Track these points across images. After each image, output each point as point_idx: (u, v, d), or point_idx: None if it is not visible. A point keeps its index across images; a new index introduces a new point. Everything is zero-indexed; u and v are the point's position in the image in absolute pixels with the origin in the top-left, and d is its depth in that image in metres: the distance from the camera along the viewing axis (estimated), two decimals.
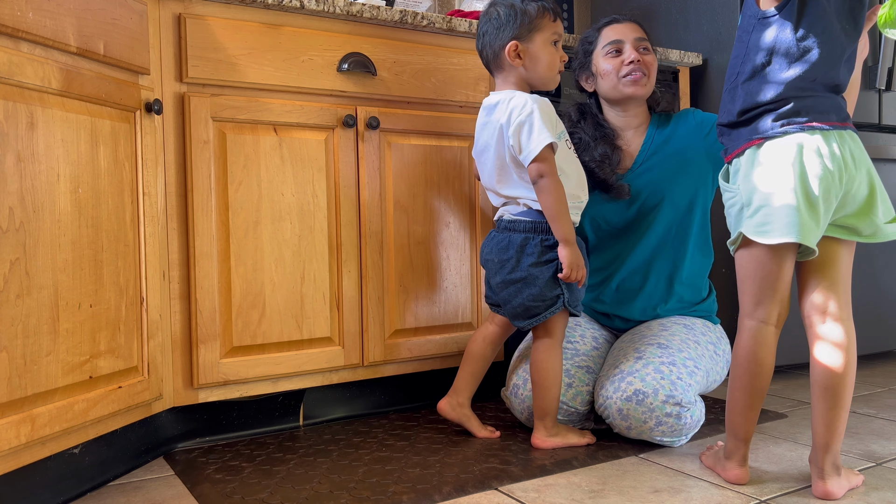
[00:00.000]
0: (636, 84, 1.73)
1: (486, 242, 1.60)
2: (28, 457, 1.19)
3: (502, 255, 1.54)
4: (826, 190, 1.20)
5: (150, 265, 1.46)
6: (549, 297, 1.52)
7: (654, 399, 1.50)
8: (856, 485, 1.32)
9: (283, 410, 1.73)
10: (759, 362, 1.28)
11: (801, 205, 1.20)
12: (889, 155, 2.38)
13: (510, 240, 1.53)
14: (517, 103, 1.49)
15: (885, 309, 2.41)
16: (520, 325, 1.57)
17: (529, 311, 1.53)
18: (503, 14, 1.52)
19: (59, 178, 1.23)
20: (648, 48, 1.76)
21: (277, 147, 1.63)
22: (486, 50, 1.56)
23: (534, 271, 1.51)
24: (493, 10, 1.54)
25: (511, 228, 1.54)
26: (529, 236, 1.52)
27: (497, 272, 1.55)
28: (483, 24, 1.56)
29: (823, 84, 1.24)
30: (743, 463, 1.33)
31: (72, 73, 1.26)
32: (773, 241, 1.23)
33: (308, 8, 1.64)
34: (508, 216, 1.57)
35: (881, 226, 1.26)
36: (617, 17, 1.80)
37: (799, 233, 1.20)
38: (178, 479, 1.42)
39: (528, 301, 1.52)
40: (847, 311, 1.28)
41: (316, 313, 1.68)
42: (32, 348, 1.17)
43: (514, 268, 1.52)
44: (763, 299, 1.28)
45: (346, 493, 1.31)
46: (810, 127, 1.21)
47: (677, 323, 1.72)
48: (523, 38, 1.52)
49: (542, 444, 1.54)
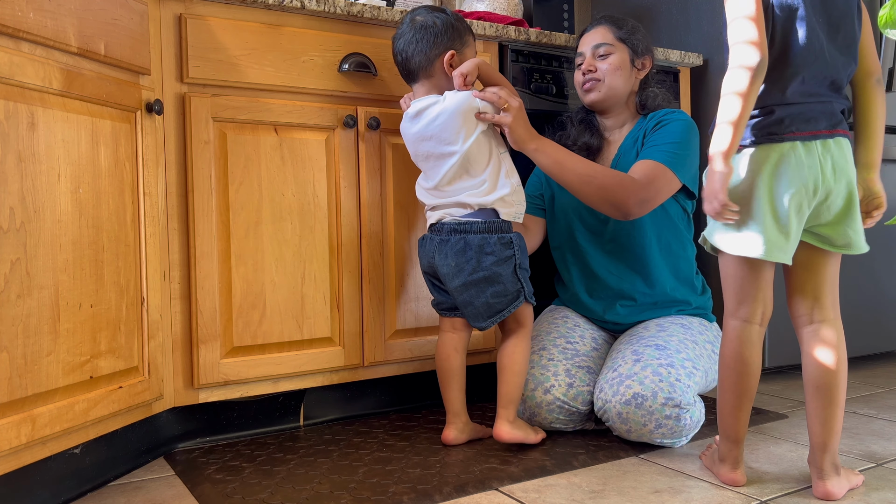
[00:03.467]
0: (589, 92, 1.79)
1: (432, 248, 1.56)
2: (28, 457, 1.19)
3: (459, 257, 1.52)
4: (798, 205, 1.21)
5: (150, 265, 1.46)
6: (512, 291, 1.53)
7: (654, 402, 1.50)
8: (856, 485, 1.32)
9: (283, 411, 1.73)
10: (745, 361, 1.29)
11: (767, 221, 1.21)
12: (889, 155, 2.38)
13: (465, 241, 1.52)
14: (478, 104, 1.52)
15: (885, 309, 2.41)
16: (481, 324, 1.54)
17: (493, 308, 1.53)
18: (440, 24, 1.53)
19: (59, 178, 1.23)
20: (608, 52, 1.77)
21: (278, 147, 1.63)
22: (417, 57, 1.54)
23: (497, 269, 1.51)
24: (425, 20, 1.54)
25: (462, 230, 1.52)
26: (486, 236, 1.52)
27: (455, 275, 1.53)
28: (416, 32, 1.54)
29: (817, 85, 1.24)
30: (736, 465, 1.33)
31: (72, 74, 1.26)
32: (738, 253, 1.25)
33: (309, 8, 1.64)
34: (453, 219, 1.54)
35: (854, 238, 1.27)
36: (588, 26, 1.85)
37: (765, 250, 1.22)
38: (179, 479, 1.42)
39: (492, 299, 1.52)
40: (835, 312, 1.29)
41: (316, 313, 1.68)
42: (33, 348, 1.17)
43: (476, 268, 1.51)
44: (745, 299, 1.29)
45: (346, 494, 1.31)
46: (791, 137, 1.21)
47: (675, 323, 1.72)
48: (459, 50, 1.55)
49: (507, 437, 1.52)
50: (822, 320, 1.28)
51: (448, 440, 1.58)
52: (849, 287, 2.29)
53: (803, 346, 1.30)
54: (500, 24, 1.91)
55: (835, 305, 1.30)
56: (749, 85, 1.18)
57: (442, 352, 1.62)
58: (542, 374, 1.63)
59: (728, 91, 1.20)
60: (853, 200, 1.25)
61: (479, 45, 1.91)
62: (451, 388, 1.60)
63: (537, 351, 1.69)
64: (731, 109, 1.19)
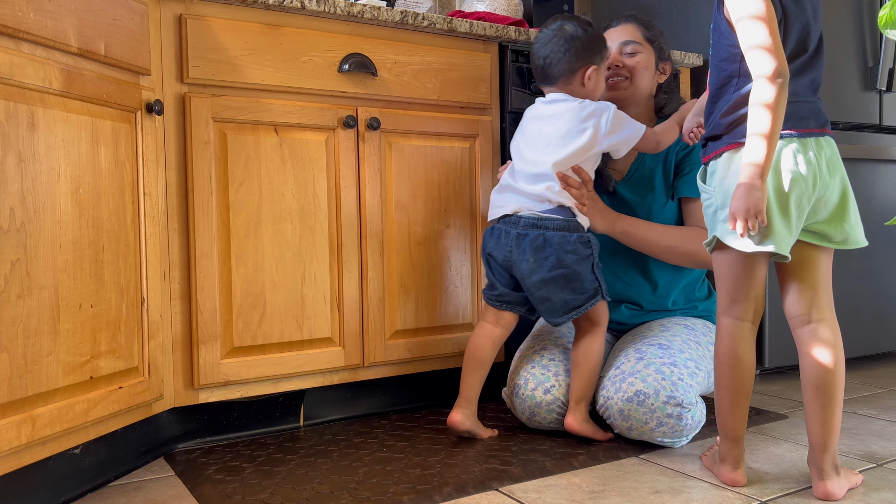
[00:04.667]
0: (613, 88, 1.78)
1: (508, 242, 1.57)
2: (28, 457, 1.19)
3: (539, 253, 1.54)
4: (799, 198, 1.21)
5: (150, 265, 1.46)
6: (590, 290, 1.57)
7: (656, 400, 1.50)
8: (856, 484, 1.32)
9: (283, 411, 1.73)
10: (739, 357, 1.30)
11: (773, 214, 1.21)
12: (889, 155, 2.38)
13: (545, 238, 1.54)
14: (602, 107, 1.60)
15: (885, 309, 2.41)
16: (556, 320, 1.58)
17: (569, 305, 1.56)
18: (586, 39, 1.59)
19: (59, 178, 1.23)
20: (636, 51, 1.76)
21: (278, 147, 1.63)
22: (561, 66, 1.59)
23: (577, 268, 1.54)
24: (574, 32, 1.59)
25: (541, 226, 1.55)
26: (566, 234, 1.55)
27: (535, 272, 1.55)
28: (565, 42, 1.58)
29: (805, 87, 1.25)
30: (737, 465, 1.33)
31: (73, 74, 1.26)
32: (746, 248, 1.23)
33: (309, 8, 1.64)
34: (531, 213, 1.57)
35: (851, 233, 1.28)
36: (613, 21, 1.83)
37: (772, 242, 1.22)
38: (179, 479, 1.42)
39: (570, 295, 1.55)
40: (830, 311, 1.30)
41: (316, 314, 1.68)
42: (33, 349, 1.17)
43: (555, 265, 1.54)
44: (738, 297, 1.29)
45: (346, 494, 1.31)
46: (788, 134, 1.22)
47: (678, 324, 1.72)
48: (598, 65, 1.62)
49: (577, 428, 1.56)
50: (819, 320, 1.28)
51: (454, 422, 1.59)
52: (849, 287, 2.29)
53: (801, 346, 1.30)
54: (500, 25, 1.91)
55: (830, 305, 1.30)
56: (777, 95, 1.16)
57: (477, 340, 1.63)
58: (542, 374, 1.63)
59: (756, 102, 1.17)
60: (847, 196, 1.26)
61: (480, 46, 1.91)
62: (473, 376, 1.62)
63: (539, 350, 1.69)
64: (762, 123, 1.16)
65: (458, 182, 1.87)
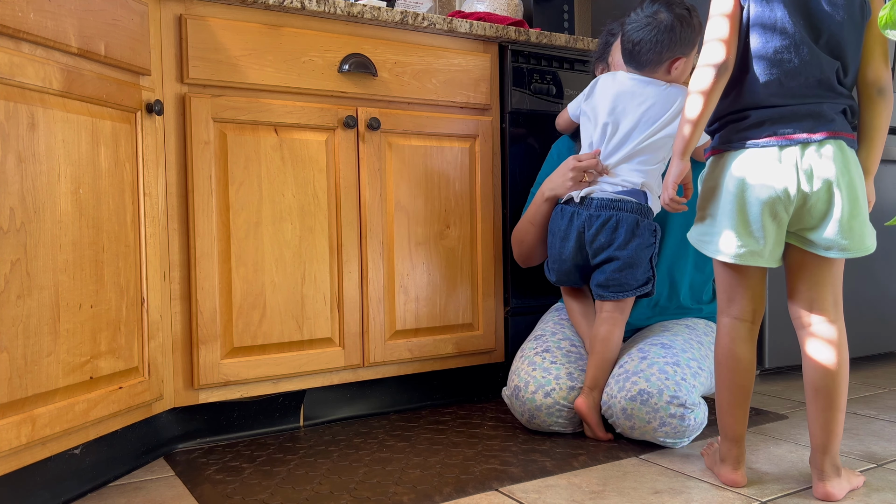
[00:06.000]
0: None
1: (579, 222, 1.60)
2: (28, 457, 1.19)
3: (611, 234, 1.57)
4: (772, 211, 1.20)
5: (150, 266, 1.46)
6: (642, 279, 1.60)
7: (659, 399, 1.50)
8: (856, 486, 1.32)
9: (283, 411, 1.73)
10: (737, 357, 1.29)
11: (738, 227, 1.21)
12: (889, 156, 2.38)
13: (619, 219, 1.57)
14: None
15: (885, 309, 2.41)
16: (605, 294, 1.61)
17: (623, 287, 1.60)
18: (680, 30, 1.57)
19: (59, 178, 1.23)
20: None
21: (278, 148, 1.63)
22: (652, 54, 1.57)
23: (639, 254, 1.58)
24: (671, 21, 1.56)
25: (615, 207, 1.57)
26: (639, 218, 1.57)
27: (604, 250, 1.59)
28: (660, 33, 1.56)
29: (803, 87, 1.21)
30: (737, 466, 1.33)
31: (73, 74, 1.26)
32: (713, 256, 1.28)
33: (309, 9, 1.64)
34: (606, 194, 1.58)
35: (838, 241, 1.22)
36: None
37: (735, 255, 1.23)
38: (179, 479, 1.42)
39: (626, 278, 1.58)
40: (836, 313, 1.27)
41: (317, 314, 1.68)
42: (33, 349, 1.17)
43: (622, 246, 1.57)
44: (734, 297, 1.30)
45: (346, 494, 1.31)
46: (766, 143, 1.20)
47: (679, 324, 1.72)
48: (688, 56, 1.61)
49: (585, 411, 1.57)
50: (822, 321, 1.26)
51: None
52: (849, 287, 2.29)
53: (803, 347, 1.28)
54: (501, 25, 1.91)
55: (836, 306, 1.27)
56: (712, 83, 1.20)
57: (591, 322, 1.69)
58: (543, 378, 1.62)
59: (693, 89, 1.23)
60: (833, 203, 1.20)
61: (480, 46, 1.91)
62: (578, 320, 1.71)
63: (540, 353, 1.68)
64: (693, 107, 1.22)
65: (458, 182, 1.87)
